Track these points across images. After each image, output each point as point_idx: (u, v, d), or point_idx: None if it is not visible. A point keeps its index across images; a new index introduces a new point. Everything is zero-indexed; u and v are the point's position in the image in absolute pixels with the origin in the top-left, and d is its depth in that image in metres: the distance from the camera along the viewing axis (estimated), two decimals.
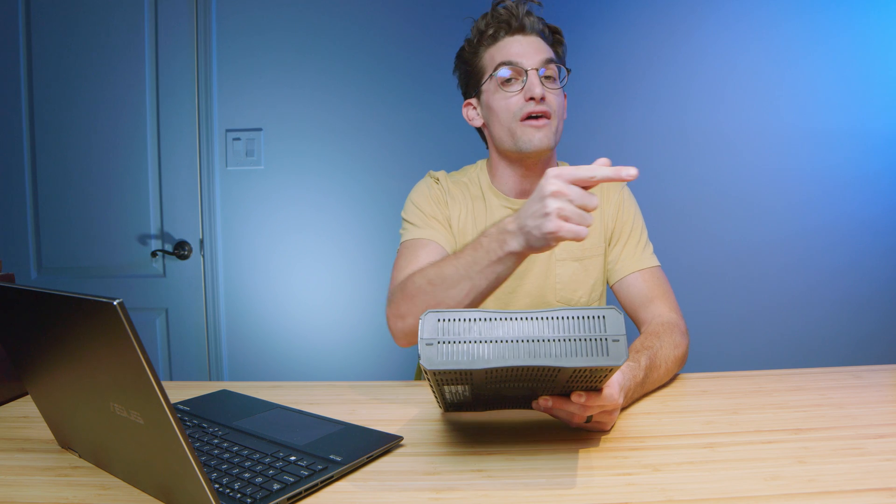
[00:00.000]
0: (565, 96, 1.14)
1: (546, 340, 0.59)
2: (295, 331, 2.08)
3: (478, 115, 1.15)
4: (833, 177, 2.02)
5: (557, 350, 0.58)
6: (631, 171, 0.70)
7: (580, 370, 0.60)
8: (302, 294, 2.06)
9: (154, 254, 2.01)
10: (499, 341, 0.59)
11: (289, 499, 0.60)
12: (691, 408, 0.88)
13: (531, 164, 1.11)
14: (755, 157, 2.02)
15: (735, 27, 1.99)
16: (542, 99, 1.04)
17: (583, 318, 0.59)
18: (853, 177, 2.02)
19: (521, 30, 1.07)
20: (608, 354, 0.58)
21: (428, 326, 0.59)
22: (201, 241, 2.05)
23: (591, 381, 0.65)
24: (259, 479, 0.63)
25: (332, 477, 0.65)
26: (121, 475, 0.66)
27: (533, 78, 1.04)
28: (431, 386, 0.68)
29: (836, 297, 2.04)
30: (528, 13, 1.08)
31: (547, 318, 0.59)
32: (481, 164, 1.22)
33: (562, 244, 1.11)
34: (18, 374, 0.71)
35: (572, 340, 0.59)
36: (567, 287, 1.14)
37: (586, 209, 0.74)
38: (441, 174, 1.20)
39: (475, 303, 0.92)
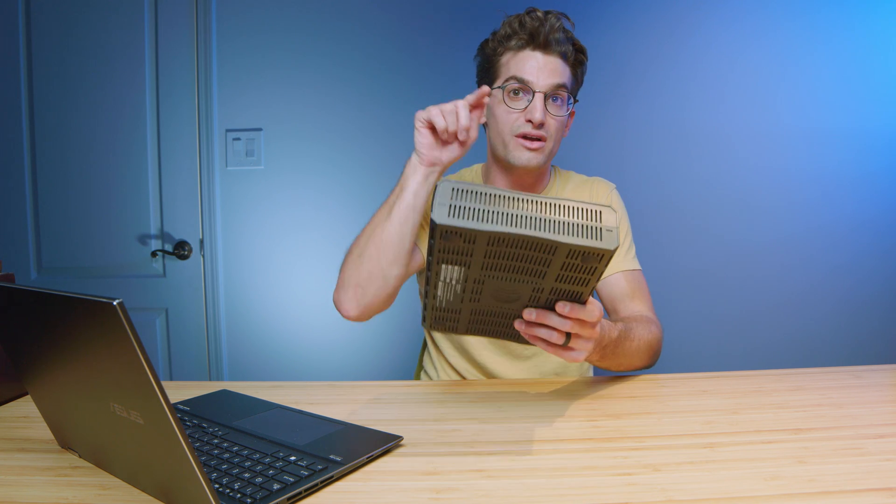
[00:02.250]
0: (573, 113, 1.15)
1: (548, 220, 0.63)
2: (295, 331, 2.08)
3: (483, 112, 1.16)
4: (833, 177, 2.02)
5: (558, 229, 0.62)
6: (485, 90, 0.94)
7: (574, 254, 0.63)
8: (302, 294, 2.06)
9: (154, 254, 2.01)
10: (506, 213, 0.63)
11: (289, 499, 0.60)
12: (691, 408, 0.88)
13: (522, 174, 1.14)
14: (755, 157, 2.02)
15: (735, 27, 1.99)
16: (542, 125, 1.06)
17: (582, 208, 0.64)
18: (853, 177, 2.02)
19: (543, 46, 1.06)
20: (602, 240, 0.62)
21: (442, 191, 0.63)
22: (201, 241, 2.05)
23: (579, 280, 0.68)
24: (259, 479, 0.63)
25: (332, 477, 0.65)
26: (121, 475, 0.66)
27: (537, 102, 1.05)
28: (429, 269, 0.70)
29: (836, 297, 2.04)
30: (557, 30, 1.06)
31: (550, 204, 0.64)
32: (476, 168, 1.26)
33: None
34: (18, 374, 0.70)
35: (572, 224, 0.63)
36: None
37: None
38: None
39: (395, 225, 0.99)
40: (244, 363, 2.08)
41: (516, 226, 0.62)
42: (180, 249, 2.02)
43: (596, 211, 0.64)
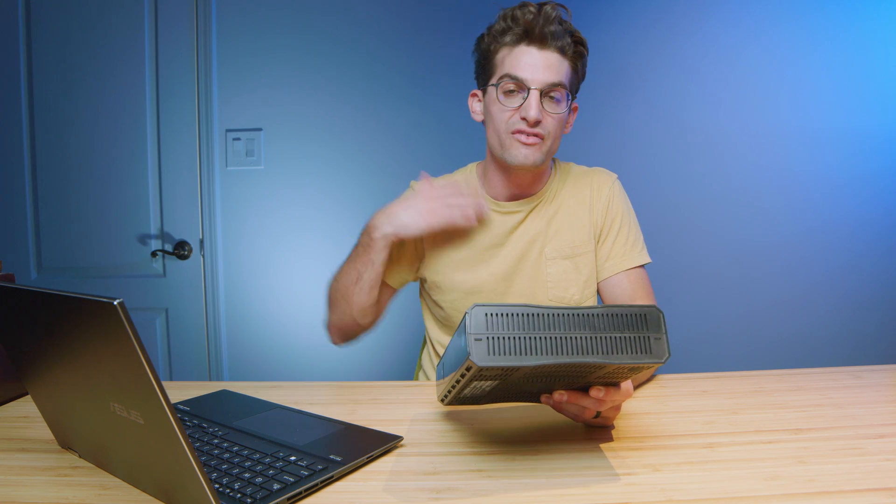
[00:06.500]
0: (576, 108, 1.13)
1: (594, 338, 0.59)
2: (295, 331, 2.08)
3: (480, 110, 1.14)
4: (833, 177, 2.02)
5: (604, 347, 0.59)
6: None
7: (619, 367, 0.60)
8: (302, 294, 2.06)
9: (154, 254, 2.01)
10: (547, 337, 0.58)
11: (289, 499, 0.60)
12: (691, 408, 0.88)
13: (521, 174, 1.11)
14: (755, 157, 2.02)
15: (735, 27, 1.99)
16: (538, 122, 1.02)
17: (626, 315, 0.60)
18: (853, 177, 2.02)
19: (539, 41, 1.02)
20: (651, 352, 0.59)
21: (476, 321, 0.58)
22: (201, 241, 2.05)
23: (617, 377, 0.65)
24: (259, 479, 0.63)
25: (332, 477, 0.66)
26: (121, 475, 0.66)
27: (532, 99, 1.01)
28: (458, 380, 0.66)
29: (836, 297, 2.04)
30: (552, 21, 1.01)
31: (594, 315, 0.59)
32: (471, 168, 1.22)
33: (552, 244, 1.12)
34: (18, 374, 0.71)
35: (618, 338, 0.59)
36: (558, 286, 1.13)
37: None
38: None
39: (364, 289, 1.09)
40: (244, 363, 2.08)
41: (561, 353, 0.58)
42: (180, 249, 2.02)
43: (641, 316, 0.60)
